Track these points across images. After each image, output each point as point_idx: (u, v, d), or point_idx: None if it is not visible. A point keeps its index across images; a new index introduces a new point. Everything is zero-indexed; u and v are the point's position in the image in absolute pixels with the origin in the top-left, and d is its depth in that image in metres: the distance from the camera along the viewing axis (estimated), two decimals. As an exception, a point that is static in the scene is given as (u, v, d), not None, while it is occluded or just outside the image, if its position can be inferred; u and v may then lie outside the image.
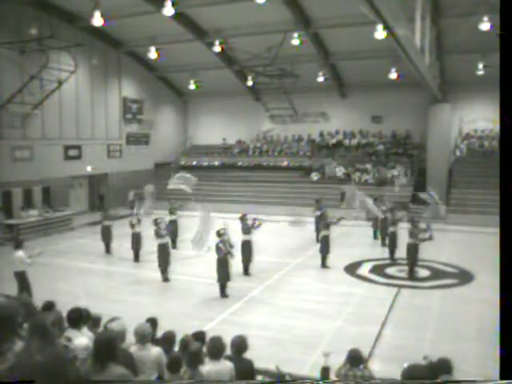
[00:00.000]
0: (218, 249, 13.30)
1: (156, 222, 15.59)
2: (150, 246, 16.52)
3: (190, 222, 21.90)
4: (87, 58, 27.27)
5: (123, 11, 23.71)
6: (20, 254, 12.51)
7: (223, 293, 13.41)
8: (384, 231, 19.01)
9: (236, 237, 15.12)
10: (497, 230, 17.08)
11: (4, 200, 22.67)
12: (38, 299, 5.85)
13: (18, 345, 3.64)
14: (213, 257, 13.58)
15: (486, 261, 16.19)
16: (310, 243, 19.40)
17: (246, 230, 15.61)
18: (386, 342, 10.33)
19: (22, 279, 12.35)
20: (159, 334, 6.60)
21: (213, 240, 13.69)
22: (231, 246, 13.56)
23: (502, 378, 4.26)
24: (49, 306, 6.18)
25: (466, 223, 22.98)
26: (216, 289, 13.47)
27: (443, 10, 21.13)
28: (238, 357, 5.86)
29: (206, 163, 34.35)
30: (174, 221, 19.32)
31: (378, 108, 31.47)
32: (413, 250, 15.09)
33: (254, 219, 15.82)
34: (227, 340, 5.82)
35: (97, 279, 15.58)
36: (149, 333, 5.73)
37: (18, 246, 12.74)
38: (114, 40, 29.06)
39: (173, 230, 18.31)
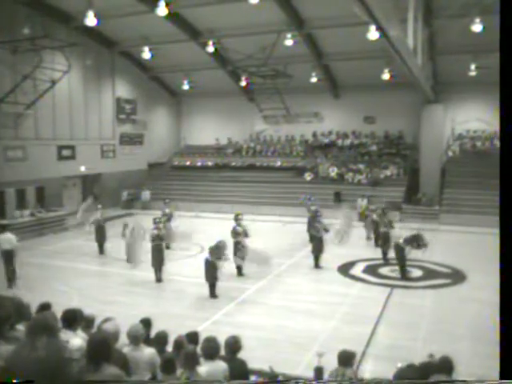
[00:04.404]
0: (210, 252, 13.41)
1: (154, 222, 15.68)
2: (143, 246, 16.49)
3: (184, 222, 21.95)
4: (81, 57, 27.20)
5: (117, 11, 23.67)
6: (8, 234, 14.87)
7: (212, 293, 13.44)
8: (377, 232, 19.08)
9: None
10: (489, 230, 17.26)
11: (-3, 200, 22.59)
12: (33, 300, 5.83)
13: (4, 347, 3.65)
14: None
15: (478, 260, 16.33)
16: (302, 243, 19.42)
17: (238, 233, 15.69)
18: (380, 342, 10.37)
19: (9, 257, 14.56)
20: (153, 334, 6.60)
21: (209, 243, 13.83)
22: (225, 258, 13.65)
23: (502, 377, 4.31)
24: (44, 308, 6.16)
25: (459, 223, 23.07)
26: (210, 289, 13.52)
27: (435, 12, 21.23)
28: (232, 357, 5.87)
29: (199, 163, 34.33)
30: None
31: (371, 108, 31.55)
32: (400, 251, 15.12)
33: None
34: (221, 340, 5.83)
35: (90, 280, 15.54)
36: (142, 334, 5.73)
37: (4, 228, 15.28)
38: (108, 40, 28.99)
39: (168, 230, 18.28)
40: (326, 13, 23.16)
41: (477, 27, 20.68)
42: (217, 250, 13.41)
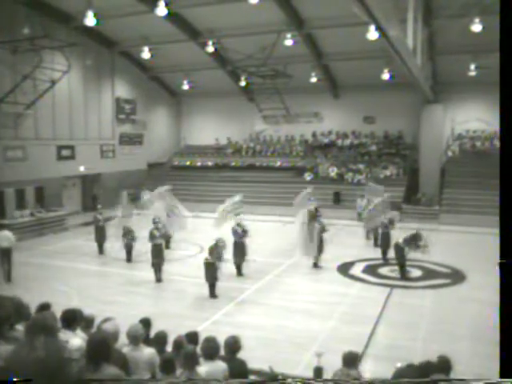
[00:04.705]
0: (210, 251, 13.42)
1: (154, 222, 15.68)
2: (143, 246, 16.49)
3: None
4: (80, 57, 27.19)
5: (117, 11, 23.67)
6: (6, 232, 15.35)
7: (212, 293, 13.43)
8: (376, 231, 19.09)
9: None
10: (489, 230, 17.22)
11: (-4, 200, 22.60)
12: (32, 300, 5.83)
13: (4, 347, 3.65)
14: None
15: (478, 260, 16.33)
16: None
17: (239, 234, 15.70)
18: (379, 342, 10.37)
19: (7, 255, 15.02)
20: (153, 334, 6.59)
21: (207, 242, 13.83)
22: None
23: (501, 377, 4.32)
24: (44, 308, 6.16)
25: (459, 223, 23.06)
26: (209, 289, 13.52)
27: (435, 12, 21.24)
28: (232, 357, 5.86)
29: (199, 163, 34.35)
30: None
31: (371, 108, 31.57)
32: (399, 251, 15.12)
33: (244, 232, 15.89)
34: (221, 340, 5.83)
35: (90, 280, 15.53)
36: (141, 334, 5.72)
37: (2, 227, 15.90)
38: (108, 40, 28.99)
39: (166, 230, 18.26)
40: (326, 13, 23.16)
41: (476, 27, 20.68)
42: (216, 250, 13.41)
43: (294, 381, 3.52)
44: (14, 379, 2.87)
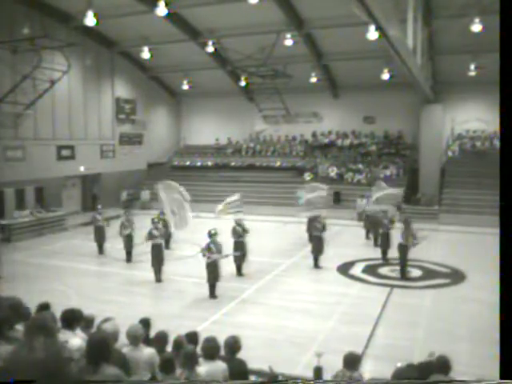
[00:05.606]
0: (208, 250, 13.35)
1: (152, 222, 15.66)
2: (143, 246, 16.48)
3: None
4: (80, 57, 27.19)
5: (116, 11, 23.67)
6: None
7: (212, 293, 13.42)
8: (376, 231, 19.08)
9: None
10: (489, 230, 17.25)
11: (-4, 200, 22.59)
12: (32, 300, 5.83)
13: (4, 347, 3.66)
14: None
15: (478, 260, 16.34)
16: (302, 243, 19.41)
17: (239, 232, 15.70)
18: (379, 342, 10.37)
19: None
20: (152, 334, 6.59)
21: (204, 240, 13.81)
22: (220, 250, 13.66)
23: (501, 377, 4.31)
24: (44, 308, 6.16)
25: (458, 223, 23.07)
26: (209, 289, 13.50)
27: (435, 12, 21.25)
28: (232, 357, 5.86)
29: (199, 163, 34.34)
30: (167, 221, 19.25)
31: (371, 108, 31.57)
32: (403, 251, 15.14)
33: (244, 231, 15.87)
34: (220, 340, 5.83)
35: (90, 280, 15.55)
36: (141, 334, 5.71)
37: None
38: (108, 40, 28.99)
39: (166, 230, 18.24)
40: (326, 13, 23.16)
41: (476, 27, 20.69)
42: (214, 245, 13.38)
43: (294, 381, 3.53)
44: (14, 380, 2.87)
